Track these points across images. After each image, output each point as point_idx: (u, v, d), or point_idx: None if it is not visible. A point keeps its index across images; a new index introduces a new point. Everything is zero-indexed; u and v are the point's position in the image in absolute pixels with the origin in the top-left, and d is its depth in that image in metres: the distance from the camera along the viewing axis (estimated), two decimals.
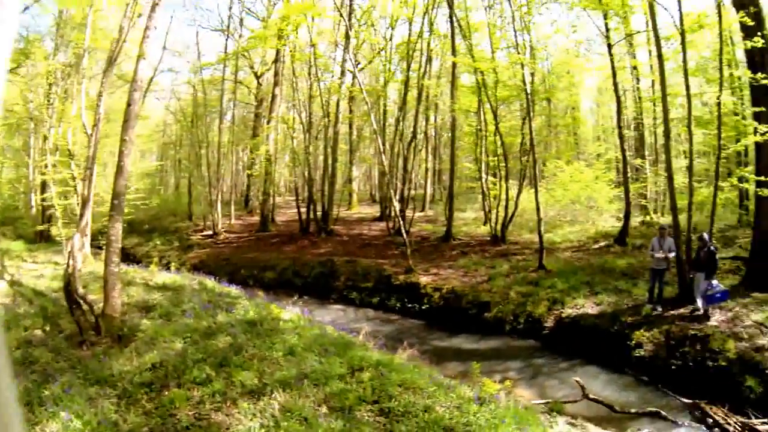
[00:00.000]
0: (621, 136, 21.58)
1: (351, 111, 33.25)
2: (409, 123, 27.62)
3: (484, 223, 24.68)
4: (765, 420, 8.52)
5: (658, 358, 11.02)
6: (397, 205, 22.18)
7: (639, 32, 22.83)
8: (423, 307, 15.82)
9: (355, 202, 36.44)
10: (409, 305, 16.12)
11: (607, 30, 20.31)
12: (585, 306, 13.76)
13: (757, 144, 13.16)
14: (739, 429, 8.36)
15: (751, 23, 12.63)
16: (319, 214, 26.47)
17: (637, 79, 25.95)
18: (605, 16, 19.83)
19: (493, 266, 17.79)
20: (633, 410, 9.25)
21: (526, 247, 20.20)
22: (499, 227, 21.78)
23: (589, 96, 41.78)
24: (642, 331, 11.80)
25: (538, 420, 7.63)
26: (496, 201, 22.54)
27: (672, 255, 12.81)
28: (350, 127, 34.74)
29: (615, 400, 9.66)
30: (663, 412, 9.05)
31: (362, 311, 16.67)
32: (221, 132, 32.73)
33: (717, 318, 11.64)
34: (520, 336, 13.77)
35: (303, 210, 26.90)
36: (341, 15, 23.58)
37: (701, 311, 11.80)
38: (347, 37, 25.14)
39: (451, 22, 22.57)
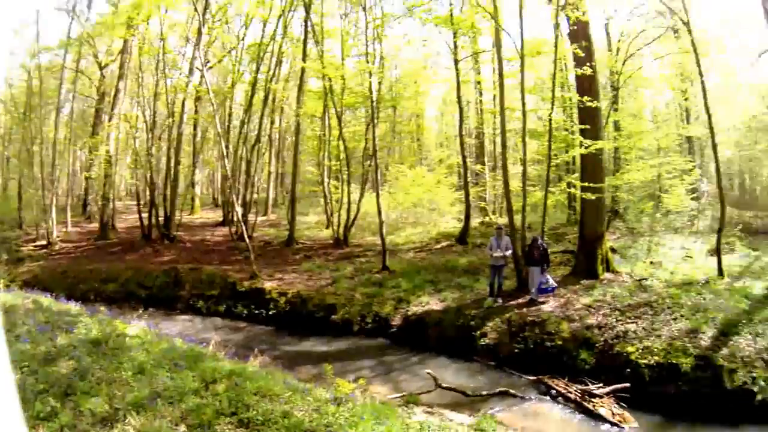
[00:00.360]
0: (462, 144, 23.03)
1: (197, 111, 31.62)
2: (254, 126, 26.83)
3: (327, 227, 24.77)
4: (600, 384, 9.85)
5: (502, 344, 11.93)
6: (239, 210, 21.76)
7: (485, 51, 24.49)
8: (270, 313, 15.49)
9: (197, 206, 34.73)
10: (256, 311, 15.66)
11: (455, 47, 21.62)
12: (430, 303, 14.32)
13: (582, 155, 15.31)
14: (579, 395, 9.51)
15: (582, 54, 14.61)
16: (161, 219, 24.82)
17: (480, 93, 27.94)
18: (455, 35, 21.04)
19: (337, 269, 17.95)
20: (484, 393, 9.91)
21: (369, 249, 20.58)
22: (341, 230, 22.02)
23: (434, 105, 43.42)
24: (485, 321, 12.67)
25: (396, 413, 7.72)
26: (338, 204, 22.78)
27: (509, 253, 14.04)
28: (195, 128, 32.85)
29: (467, 386, 10.26)
30: (512, 391, 9.94)
31: (210, 320, 15.87)
32: (57, 127, 29.00)
33: (551, 304, 12.97)
34: (369, 336, 13.97)
35: (145, 215, 24.83)
36: (196, 9, 22.25)
37: (537, 301, 13.16)
38: (199, 32, 23.85)
39: (306, 26, 22.44)
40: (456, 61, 21.82)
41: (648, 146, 20.80)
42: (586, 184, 14.64)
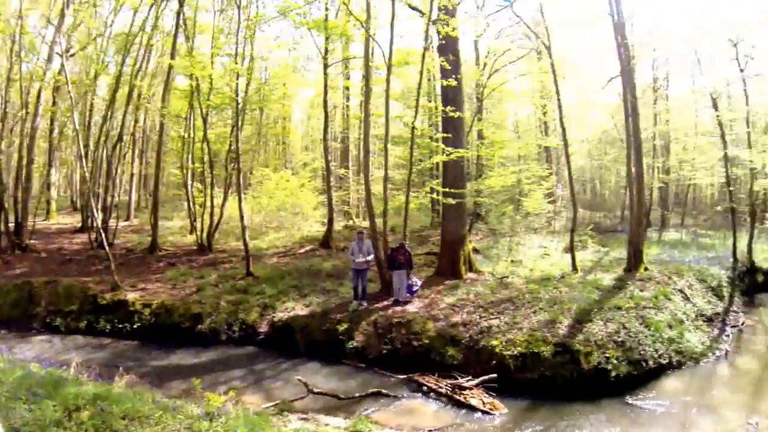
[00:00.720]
0: (326, 148, 23.22)
1: (54, 103, 28.34)
2: (117, 123, 24.93)
3: (191, 232, 23.87)
4: (469, 377, 10.56)
5: (371, 346, 12.26)
6: (99, 215, 20.35)
7: (355, 57, 24.65)
8: (135, 326, 14.52)
9: (54, 211, 31.57)
10: (120, 326, 14.57)
11: (326, 51, 21.63)
12: (296, 308, 14.32)
13: (444, 162, 16.15)
14: (450, 389, 10.12)
15: (449, 67, 15.54)
16: (11, 225, 21.70)
17: (348, 98, 28.17)
18: (326, 40, 21.08)
19: (202, 276, 17.35)
20: (357, 395, 10.17)
21: (234, 254, 20.19)
22: (205, 236, 21.37)
23: (302, 108, 43.11)
24: (352, 324, 12.90)
25: (271, 423, 7.73)
26: (202, 209, 22.10)
27: (371, 257, 14.38)
28: (52, 122, 29.69)
29: (339, 389, 10.48)
30: (384, 390, 10.30)
31: (70, 339, 14.43)
32: None
33: (417, 305, 13.56)
34: (238, 344, 13.70)
35: None
36: None
37: (402, 302, 13.71)
38: (62, 14, 21.69)
39: (178, 19, 21.40)
40: (325, 66, 21.91)
41: (510, 154, 22.12)
42: (447, 189, 15.57)
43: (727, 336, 13.93)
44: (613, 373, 10.37)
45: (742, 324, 15.22)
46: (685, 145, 32.71)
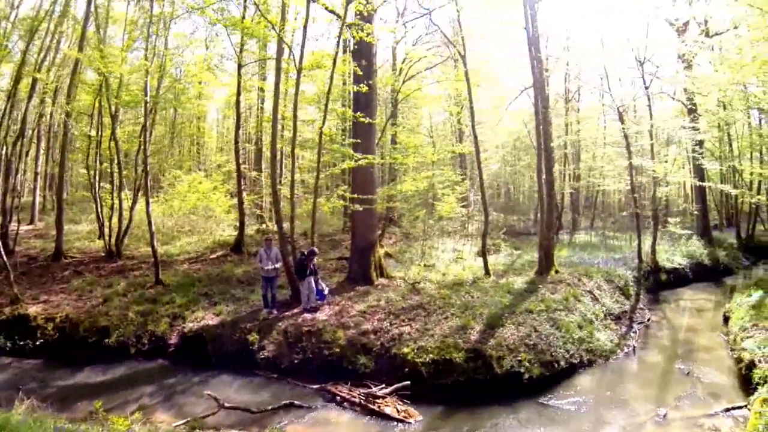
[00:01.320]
0: (237, 150, 22.70)
1: None
2: (19, 117, 23.09)
3: (99, 237, 22.70)
4: (382, 386, 10.64)
5: (282, 356, 12.20)
6: None
7: (271, 58, 24.05)
8: (38, 343, 13.60)
9: None
10: (22, 342, 13.52)
11: (241, 51, 21.22)
12: (206, 318, 14.00)
13: (354, 168, 16.20)
14: (364, 398, 10.26)
15: (361, 73, 15.62)
16: None
17: (262, 100, 27.53)
18: (242, 39, 20.53)
19: (110, 285, 16.67)
20: (270, 407, 10.16)
21: (144, 261, 19.38)
22: (114, 241, 20.42)
23: (218, 108, 41.85)
24: (263, 334, 12.81)
25: None
26: (111, 212, 21.29)
27: (279, 264, 14.36)
28: None
29: (251, 402, 10.46)
30: (297, 402, 10.34)
31: None
32: None
33: (327, 313, 13.58)
34: (147, 358, 13.17)
35: None
36: None
37: (312, 309, 13.70)
38: None
39: (89, 5, 19.96)
40: (240, 66, 21.62)
41: (424, 159, 22.32)
42: (356, 195, 15.64)
43: (635, 332, 14.96)
44: (527, 376, 10.84)
45: (648, 320, 16.43)
46: (594, 154, 34.45)
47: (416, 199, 25.51)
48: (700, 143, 26.37)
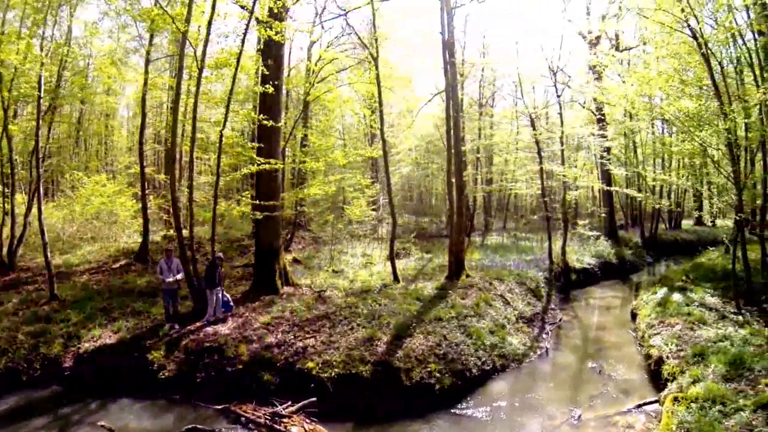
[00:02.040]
0: (142, 152, 21.81)
1: None
2: None
3: None
4: (288, 403, 10.21)
5: (184, 375, 11.51)
6: None
7: (173, 55, 23.05)
8: None
9: None
10: None
11: (150, 43, 20.28)
12: (103, 336, 13.06)
13: (258, 172, 15.62)
14: (269, 418, 9.77)
15: (267, 73, 15.26)
16: None
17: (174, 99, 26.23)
18: (150, 32, 19.49)
19: (0, 302, 15.22)
20: None
21: (41, 273, 17.64)
22: (6, 251, 18.68)
23: (128, 105, 39.43)
24: (162, 352, 12.10)
25: None
26: (2, 218, 19.37)
27: (180, 276, 13.72)
28: None
29: (153, 429, 9.81)
30: (200, 426, 9.66)
31: None
32: None
33: (229, 326, 13.02)
34: (41, 385, 11.81)
35: None
36: None
37: (215, 322, 13.21)
38: None
39: None
40: (147, 61, 20.44)
41: (335, 162, 21.99)
42: (259, 202, 15.24)
43: (547, 334, 15.30)
44: (438, 387, 10.73)
45: (560, 321, 16.89)
46: (507, 158, 35.26)
47: (326, 203, 25.19)
48: (608, 150, 27.96)
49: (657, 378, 11.51)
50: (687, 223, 41.47)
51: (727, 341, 11.58)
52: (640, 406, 10.33)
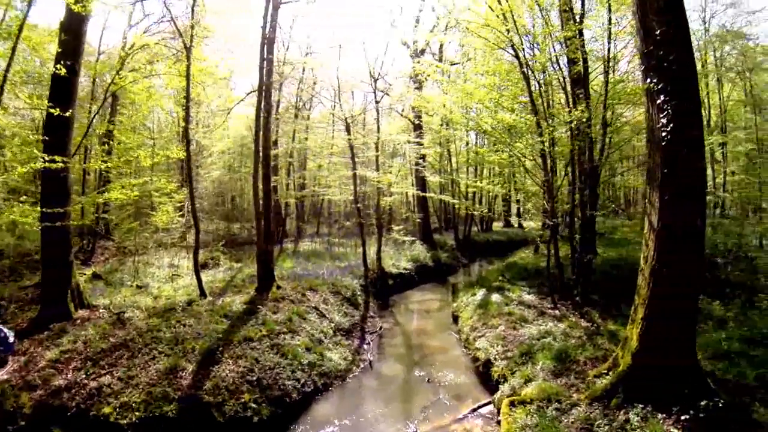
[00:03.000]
0: None
1: None
2: None
3: None
4: None
5: None
6: None
7: None
8: None
9: None
10: None
11: None
12: None
13: (43, 174, 13.05)
14: None
15: (60, 50, 12.89)
16: None
17: None
18: None
19: None
20: None
21: None
22: None
23: None
24: None
25: None
26: None
27: None
28: None
29: None
30: None
31: None
32: None
33: (9, 369, 10.55)
34: None
35: None
36: None
37: None
38: None
39: None
40: None
41: (143, 163, 19.82)
42: (44, 209, 12.56)
43: (368, 345, 14.86)
44: (256, 419, 9.70)
45: (381, 329, 16.58)
46: (321, 163, 35.04)
47: (131, 208, 22.85)
48: (424, 157, 28.75)
49: (487, 380, 11.71)
50: (497, 225, 44.72)
51: (550, 337, 12.20)
52: (474, 410, 10.42)
